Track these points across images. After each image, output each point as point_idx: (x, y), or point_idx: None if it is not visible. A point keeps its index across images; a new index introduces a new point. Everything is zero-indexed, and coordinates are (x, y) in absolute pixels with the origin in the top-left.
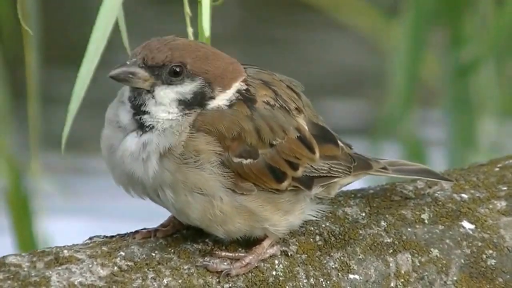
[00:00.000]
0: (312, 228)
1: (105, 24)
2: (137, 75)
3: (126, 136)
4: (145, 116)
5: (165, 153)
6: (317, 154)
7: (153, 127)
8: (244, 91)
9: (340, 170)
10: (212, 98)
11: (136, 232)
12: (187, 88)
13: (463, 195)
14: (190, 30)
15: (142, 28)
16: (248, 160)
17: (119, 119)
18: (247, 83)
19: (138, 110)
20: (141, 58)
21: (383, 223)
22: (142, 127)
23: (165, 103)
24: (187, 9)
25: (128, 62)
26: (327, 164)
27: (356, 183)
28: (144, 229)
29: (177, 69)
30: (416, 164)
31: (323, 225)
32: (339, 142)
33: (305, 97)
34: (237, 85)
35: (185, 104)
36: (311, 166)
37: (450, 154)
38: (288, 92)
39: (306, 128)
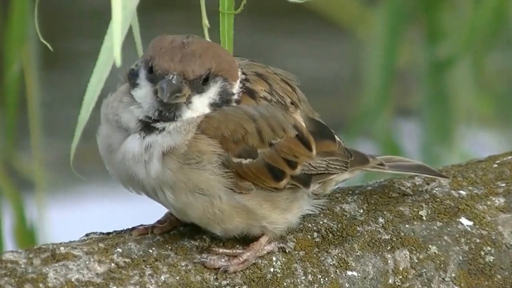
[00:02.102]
0: (310, 225)
1: (116, 34)
2: (182, 92)
3: (127, 137)
4: (171, 123)
5: (168, 152)
6: (314, 152)
7: (163, 129)
8: (245, 81)
9: (337, 166)
10: (233, 94)
11: (133, 228)
12: (213, 91)
13: (461, 191)
14: (206, 21)
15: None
16: (248, 160)
17: (121, 120)
18: (243, 72)
19: (171, 119)
20: (181, 74)
21: (381, 219)
22: (149, 129)
23: (200, 110)
24: (205, 20)
25: (173, 81)
26: (325, 161)
27: (354, 180)
28: (141, 225)
29: (206, 76)
30: (413, 160)
31: (321, 222)
32: (336, 137)
33: (300, 91)
34: (240, 74)
35: (216, 105)
36: (309, 164)
37: (425, 149)
38: (282, 85)
39: (304, 125)
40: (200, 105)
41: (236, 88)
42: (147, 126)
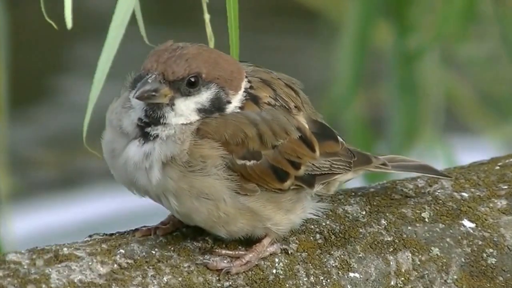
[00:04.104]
0: (312, 227)
1: (122, 17)
2: (159, 91)
3: (128, 143)
4: (160, 127)
5: (168, 162)
6: (317, 153)
7: (157, 136)
8: (249, 89)
9: (341, 167)
10: (229, 102)
11: (136, 229)
12: (204, 97)
13: (463, 193)
14: (207, 16)
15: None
16: (252, 162)
17: (123, 125)
18: (248, 80)
19: (157, 122)
20: (161, 74)
21: (383, 221)
22: (145, 136)
23: (185, 114)
24: (206, 14)
25: (149, 80)
26: (328, 161)
27: (356, 181)
28: (144, 226)
29: (193, 80)
30: (416, 160)
31: (324, 224)
32: (338, 137)
33: (304, 94)
34: (244, 84)
35: (205, 111)
36: (313, 164)
37: (394, 139)
38: (286, 90)
39: (306, 126)
40: (185, 109)
41: (236, 97)
42: (143, 132)
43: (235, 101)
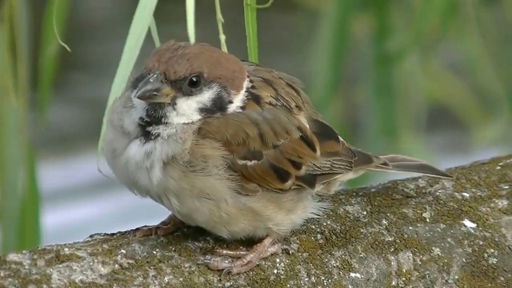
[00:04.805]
0: (313, 227)
1: (138, 34)
2: (160, 91)
3: (130, 143)
4: (162, 126)
5: (169, 161)
6: (318, 152)
7: (158, 135)
8: (251, 89)
9: (342, 166)
10: (231, 102)
11: (137, 229)
12: (206, 96)
13: (464, 193)
14: (222, 37)
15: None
16: (253, 162)
17: (124, 124)
18: (250, 80)
19: (158, 121)
20: (162, 73)
21: (384, 221)
22: (147, 135)
23: (187, 114)
24: (219, 15)
25: (151, 80)
26: (329, 161)
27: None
28: (145, 226)
29: (195, 79)
30: (417, 159)
31: (325, 224)
32: (339, 137)
33: (304, 93)
34: (246, 83)
35: (207, 111)
36: (314, 164)
37: (371, 141)
38: (287, 90)
39: (307, 126)
40: (186, 108)
41: (237, 97)
42: (145, 131)
43: (237, 101)
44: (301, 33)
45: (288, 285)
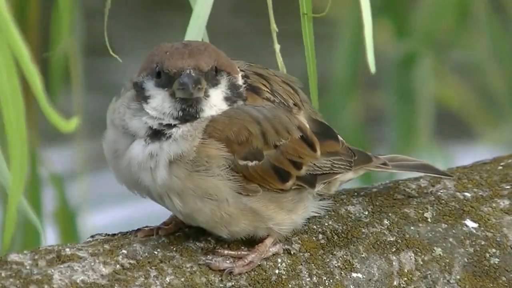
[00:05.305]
0: (315, 227)
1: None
2: (201, 84)
3: (132, 142)
4: (189, 122)
5: (175, 160)
6: (318, 152)
7: (171, 136)
8: (246, 78)
9: (342, 166)
10: (241, 86)
11: (138, 230)
12: (224, 84)
13: (466, 193)
14: (277, 46)
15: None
16: (254, 162)
17: (128, 125)
18: (242, 70)
19: (193, 118)
20: (196, 68)
21: (386, 221)
22: (156, 136)
23: (218, 105)
24: (273, 25)
25: (187, 78)
26: (329, 160)
27: (359, 182)
28: (146, 227)
29: (215, 70)
30: (417, 159)
31: (326, 224)
32: (339, 136)
33: (303, 93)
34: (241, 74)
35: (230, 100)
36: (314, 164)
37: (392, 145)
38: (284, 87)
39: (307, 126)
40: (216, 99)
41: (240, 80)
42: (154, 133)
43: (242, 84)
44: (319, 36)
45: (290, 285)
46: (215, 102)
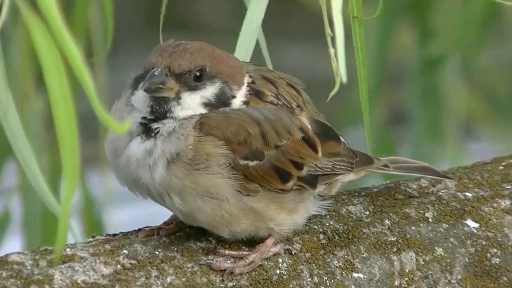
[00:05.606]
0: (316, 227)
1: (245, 47)
2: (165, 84)
3: (131, 140)
4: (166, 121)
5: (173, 159)
6: (320, 153)
7: (158, 131)
8: (252, 84)
9: (343, 167)
10: (234, 96)
11: (139, 230)
12: (209, 91)
13: (467, 193)
14: (332, 51)
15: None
16: (254, 162)
17: None
18: (250, 76)
19: (163, 116)
20: (167, 67)
21: (387, 221)
22: (148, 132)
23: (192, 108)
24: (327, 29)
25: (156, 73)
26: (331, 161)
27: (360, 182)
28: (147, 227)
29: (198, 73)
30: (417, 161)
31: (327, 224)
32: (340, 138)
33: (306, 94)
34: (246, 79)
35: (211, 106)
36: (315, 165)
37: (416, 147)
38: (288, 89)
39: (309, 126)
40: (191, 102)
41: (240, 92)
42: (146, 129)
43: (240, 96)
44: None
45: (291, 285)
46: (188, 105)
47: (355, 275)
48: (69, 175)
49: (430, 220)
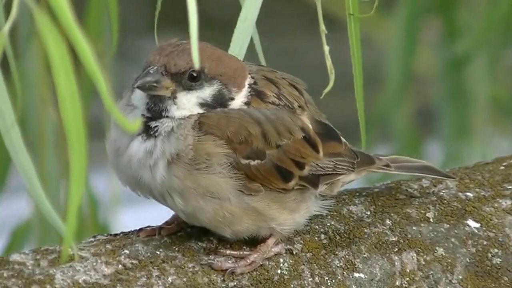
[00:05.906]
0: (317, 227)
1: (240, 44)
2: (160, 83)
3: (132, 140)
4: (164, 120)
5: (173, 160)
6: (321, 153)
7: (157, 130)
8: (253, 85)
9: (344, 167)
10: (232, 98)
11: (140, 230)
12: (206, 92)
13: (468, 193)
14: (326, 48)
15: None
16: (256, 161)
17: None
18: (252, 77)
19: (159, 115)
20: (163, 66)
21: (388, 221)
22: (148, 131)
23: (187, 108)
24: (322, 26)
25: (151, 71)
26: (332, 161)
27: (361, 182)
28: (149, 226)
29: (195, 74)
30: (419, 160)
31: (328, 224)
32: (341, 138)
33: (307, 94)
34: (247, 80)
35: (208, 106)
36: (317, 164)
37: (445, 146)
38: (290, 89)
39: (310, 126)
40: (186, 102)
41: (239, 94)
42: (146, 128)
43: (240, 97)
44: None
45: (292, 285)
46: (183, 104)
47: (356, 275)
48: (76, 174)
49: (431, 220)
